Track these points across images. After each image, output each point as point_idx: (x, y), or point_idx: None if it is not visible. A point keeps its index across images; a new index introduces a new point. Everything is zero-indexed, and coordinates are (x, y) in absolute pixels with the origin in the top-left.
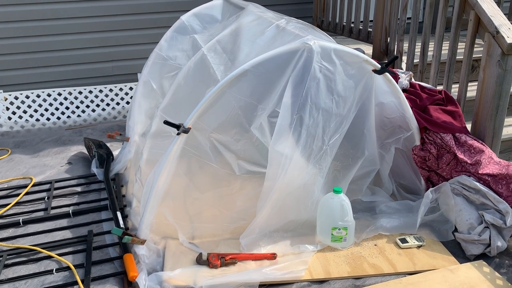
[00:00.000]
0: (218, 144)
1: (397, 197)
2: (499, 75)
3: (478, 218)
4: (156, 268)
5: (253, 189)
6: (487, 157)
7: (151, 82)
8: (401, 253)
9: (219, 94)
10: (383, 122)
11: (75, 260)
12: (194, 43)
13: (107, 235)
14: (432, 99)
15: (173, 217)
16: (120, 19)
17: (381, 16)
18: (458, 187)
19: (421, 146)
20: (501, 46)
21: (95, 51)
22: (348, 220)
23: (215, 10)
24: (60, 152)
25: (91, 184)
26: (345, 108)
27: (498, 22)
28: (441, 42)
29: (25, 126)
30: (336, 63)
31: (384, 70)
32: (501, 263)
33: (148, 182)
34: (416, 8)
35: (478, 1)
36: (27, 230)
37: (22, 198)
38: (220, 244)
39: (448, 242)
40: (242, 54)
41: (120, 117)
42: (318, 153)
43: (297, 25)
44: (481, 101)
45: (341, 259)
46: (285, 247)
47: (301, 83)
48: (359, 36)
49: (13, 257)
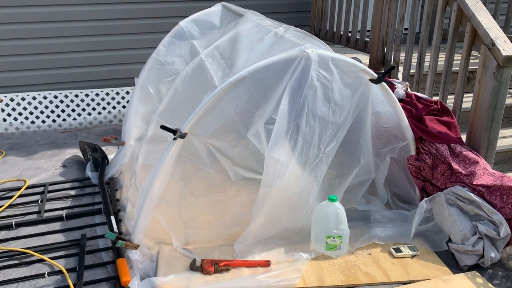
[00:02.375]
0: (214, 150)
1: (391, 206)
2: (495, 87)
3: (472, 228)
4: (149, 273)
5: (248, 196)
6: (481, 168)
7: (148, 86)
8: (395, 262)
9: (216, 100)
10: (379, 132)
11: (67, 264)
12: (192, 49)
13: (100, 239)
14: (428, 110)
15: (167, 223)
16: (118, 23)
17: (379, 26)
18: (452, 198)
19: (416, 156)
20: (496, 58)
21: (92, 54)
22: (342, 229)
23: (213, 16)
24: (55, 155)
25: (85, 188)
26: (342, 117)
27: (494, 34)
28: (437, 53)
29: (20, 128)
30: (334, 72)
31: (380, 80)
32: (495, 274)
33: (143, 187)
34: (413, 19)
35: (474, 13)
36: (20, 232)
37: (15, 201)
38: (214, 250)
39: (442, 252)
40: (240, 61)
41: (116, 121)
42: (314, 161)
43: (295, 33)
44: (476, 112)
45: (335, 267)
46: (279, 255)
47: (298, 91)
48: (356, 46)
49: (5, 259)
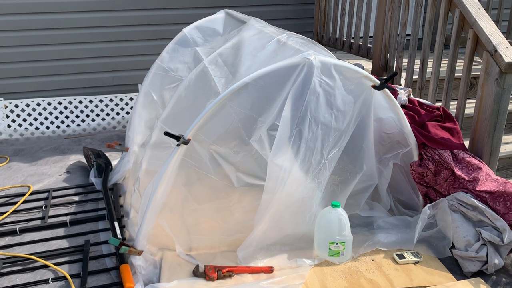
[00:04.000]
0: (218, 156)
1: (394, 212)
2: (497, 93)
3: (476, 235)
4: (152, 279)
5: (251, 202)
6: (484, 174)
7: (151, 93)
8: (398, 268)
9: (219, 106)
10: (381, 138)
11: (71, 269)
12: (195, 56)
13: (104, 245)
14: (431, 116)
15: (170, 228)
16: (122, 30)
17: (381, 32)
18: (455, 204)
19: (419, 162)
20: (499, 64)
21: (96, 61)
22: (345, 235)
23: (217, 23)
24: (59, 161)
25: (89, 194)
26: (344, 123)
27: (496, 41)
28: (440, 59)
29: (24, 134)
30: (336, 78)
31: (383, 86)
32: (498, 280)
33: (146, 193)
34: (415, 25)
35: (476, 20)
36: (24, 238)
37: (19, 207)
38: (217, 256)
39: (445, 258)
40: (243, 68)
41: (119, 127)
42: (317, 167)
43: (297, 40)
44: (479, 118)
45: (338, 273)
46: (283, 261)
47: (301, 97)
48: (359, 52)
49: (9, 265)
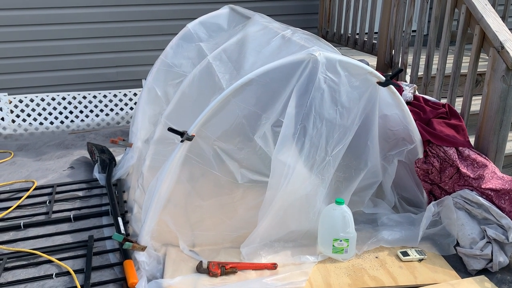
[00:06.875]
0: (221, 152)
1: (399, 209)
2: (504, 90)
3: (481, 232)
4: (156, 275)
5: (255, 198)
6: (490, 172)
7: (155, 88)
8: (402, 266)
9: (223, 103)
10: (386, 134)
11: (75, 265)
12: (199, 51)
13: (107, 240)
14: (436, 113)
15: (174, 224)
16: (126, 25)
17: (386, 28)
18: (460, 201)
19: (424, 159)
20: (505, 61)
21: (100, 56)
22: (349, 232)
23: (221, 19)
24: (63, 156)
25: (93, 189)
26: (349, 119)
27: (503, 37)
28: (445, 56)
29: (28, 129)
30: (341, 75)
31: (388, 83)
32: (503, 278)
33: (150, 189)
34: (421, 21)
35: (483, 16)
36: (28, 233)
37: (23, 202)
38: (220, 252)
39: (449, 256)
40: (248, 64)
41: (123, 123)
42: (321, 163)
43: (302, 36)
44: (485, 115)
45: (342, 271)
46: (286, 258)
47: (305, 94)
48: (364, 48)
49: (13, 260)
